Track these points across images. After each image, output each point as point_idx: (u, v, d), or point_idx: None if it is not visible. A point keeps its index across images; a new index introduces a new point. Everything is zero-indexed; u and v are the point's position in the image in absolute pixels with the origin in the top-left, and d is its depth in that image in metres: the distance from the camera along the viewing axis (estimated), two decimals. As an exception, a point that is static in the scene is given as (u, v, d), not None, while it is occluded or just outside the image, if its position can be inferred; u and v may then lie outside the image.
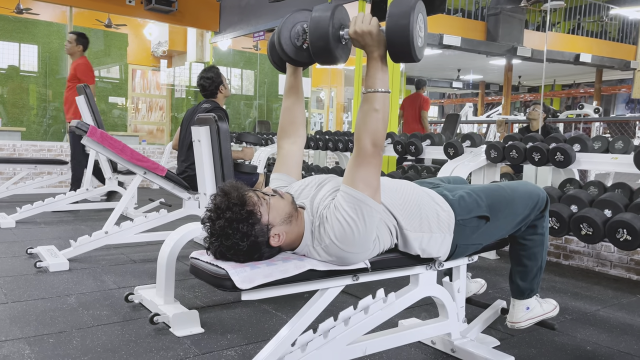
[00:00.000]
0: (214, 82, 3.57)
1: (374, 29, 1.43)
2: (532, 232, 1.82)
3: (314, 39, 1.44)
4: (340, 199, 1.46)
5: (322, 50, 1.45)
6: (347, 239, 1.44)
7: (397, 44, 1.41)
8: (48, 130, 7.98)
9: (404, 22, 1.38)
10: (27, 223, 4.27)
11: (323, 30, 1.42)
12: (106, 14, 8.00)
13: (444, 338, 1.97)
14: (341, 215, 1.44)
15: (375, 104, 1.44)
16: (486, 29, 9.39)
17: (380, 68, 1.46)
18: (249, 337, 2.10)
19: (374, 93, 1.45)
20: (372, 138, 1.44)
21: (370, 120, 1.44)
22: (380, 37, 1.44)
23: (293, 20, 1.59)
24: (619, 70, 11.89)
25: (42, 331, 2.09)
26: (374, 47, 1.45)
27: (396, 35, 1.40)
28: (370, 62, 1.48)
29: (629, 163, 2.86)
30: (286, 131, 1.83)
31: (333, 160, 8.01)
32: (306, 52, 1.59)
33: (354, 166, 1.47)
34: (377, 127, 1.44)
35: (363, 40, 1.45)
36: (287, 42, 1.58)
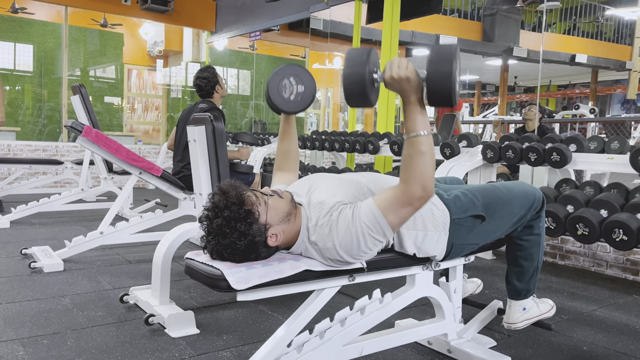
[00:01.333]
0: (210, 82, 3.56)
1: (412, 74, 1.40)
2: (528, 232, 1.82)
3: (349, 85, 1.43)
4: (362, 215, 1.45)
5: (358, 97, 1.44)
6: (350, 249, 1.46)
7: (438, 91, 1.39)
8: (43, 130, 7.94)
9: (446, 70, 1.36)
10: (21, 223, 4.25)
11: (359, 76, 1.41)
12: (102, 13, 7.97)
13: (440, 338, 1.96)
14: (355, 229, 1.44)
15: (422, 147, 1.41)
16: (482, 29, 9.41)
17: (420, 112, 1.43)
18: (244, 338, 2.09)
19: (417, 137, 1.42)
20: (422, 182, 1.41)
21: (418, 164, 1.41)
22: (418, 83, 1.41)
23: (280, 75, 1.72)
24: (614, 70, 11.94)
25: (37, 332, 2.07)
26: (411, 92, 1.42)
27: (438, 83, 1.38)
28: (407, 106, 1.44)
29: (624, 163, 2.87)
30: (282, 167, 1.89)
31: (329, 160, 8.00)
32: (294, 103, 1.75)
33: (396, 200, 1.44)
34: (427, 170, 1.41)
35: (400, 86, 1.41)
36: (275, 96, 1.71)
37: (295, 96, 1.73)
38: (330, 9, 5.70)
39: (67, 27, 7.32)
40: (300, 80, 1.74)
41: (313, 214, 1.51)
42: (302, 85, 1.75)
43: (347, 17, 5.66)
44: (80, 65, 8.39)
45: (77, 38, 8.23)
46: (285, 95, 1.72)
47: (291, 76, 1.72)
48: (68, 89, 7.28)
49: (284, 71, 1.72)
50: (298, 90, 1.74)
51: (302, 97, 1.76)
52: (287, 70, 1.72)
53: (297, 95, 1.73)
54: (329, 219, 1.48)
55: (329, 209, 1.50)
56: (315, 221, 1.49)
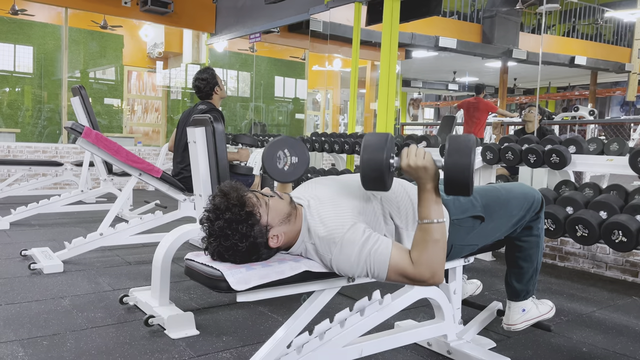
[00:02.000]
0: (209, 83, 3.56)
1: (430, 164, 1.42)
2: (527, 233, 1.82)
3: (367, 171, 1.45)
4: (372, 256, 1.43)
5: (375, 181, 1.46)
6: (343, 269, 1.46)
7: (456, 181, 1.40)
8: (43, 132, 7.94)
9: (465, 162, 1.38)
10: (21, 225, 4.25)
11: (378, 163, 1.43)
12: (102, 15, 7.97)
13: (440, 340, 1.97)
14: (357, 261, 1.43)
15: (435, 235, 1.42)
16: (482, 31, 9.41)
17: (435, 200, 1.44)
18: (244, 339, 2.09)
19: (430, 224, 1.43)
20: (433, 269, 1.42)
21: (431, 251, 1.42)
22: (435, 171, 1.43)
23: (275, 147, 1.81)
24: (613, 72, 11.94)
25: (36, 333, 2.07)
26: (428, 180, 1.43)
27: (456, 174, 1.39)
28: (423, 193, 1.45)
29: (624, 165, 2.87)
30: None
31: (329, 162, 8.01)
32: (289, 173, 1.84)
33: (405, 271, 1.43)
34: (439, 257, 1.42)
35: (416, 173, 1.43)
36: (270, 166, 1.80)
37: (289, 167, 1.83)
38: (330, 11, 5.70)
39: (67, 28, 7.32)
40: (294, 152, 1.84)
41: (316, 218, 1.50)
42: (296, 156, 1.84)
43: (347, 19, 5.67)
44: (80, 67, 8.39)
45: (77, 40, 8.23)
46: (280, 166, 1.82)
47: (285, 148, 1.82)
48: (68, 91, 7.28)
49: (278, 144, 1.82)
50: (292, 162, 1.84)
51: (296, 168, 1.85)
52: (281, 143, 1.82)
53: (290, 166, 1.84)
54: (334, 231, 1.46)
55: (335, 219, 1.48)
56: (319, 227, 1.48)
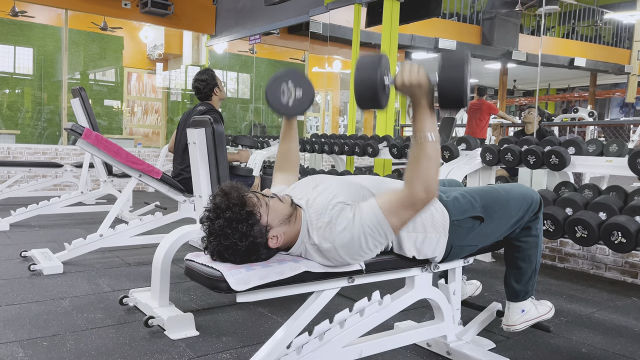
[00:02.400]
0: (209, 84, 3.56)
1: (424, 80, 1.41)
2: (526, 234, 1.83)
3: (361, 89, 1.45)
4: (365, 216, 1.46)
5: (369, 100, 1.46)
6: (351, 250, 1.47)
7: (450, 95, 1.40)
8: (43, 133, 7.95)
9: (458, 75, 1.38)
10: (21, 226, 4.25)
11: (371, 81, 1.43)
12: (102, 16, 7.99)
13: (439, 340, 1.97)
14: (357, 229, 1.45)
15: (429, 151, 1.42)
16: (481, 33, 9.43)
17: (429, 116, 1.44)
18: (244, 340, 2.09)
19: (425, 140, 1.43)
20: (426, 185, 1.42)
21: (424, 167, 1.42)
22: (429, 88, 1.43)
23: (278, 81, 1.75)
24: (613, 74, 11.96)
25: (36, 334, 2.07)
26: (422, 96, 1.43)
27: (450, 88, 1.39)
28: (417, 110, 1.45)
29: (623, 166, 2.87)
30: (282, 168, 1.92)
31: (329, 163, 8.01)
32: (293, 107, 1.79)
33: (399, 202, 1.45)
34: (431, 174, 1.43)
35: (411, 90, 1.43)
36: (273, 99, 1.75)
37: (293, 101, 1.77)
38: (329, 13, 5.72)
39: (67, 30, 7.33)
40: (298, 84, 1.77)
41: (313, 216, 1.51)
42: (301, 89, 1.78)
43: (347, 20, 5.68)
44: (80, 69, 8.40)
45: (77, 41, 8.24)
46: (284, 100, 1.75)
47: (289, 81, 1.75)
48: (68, 92, 7.29)
49: (282, 76, 1.75)
50: (296, 95, 1.77)
51: (300, 101, 1.79)
52: (285, 75, 1.76)
53: (295, 100, 1.77)
54: (329, 219, 1.48)
55: (329, 209, 1.51)
56: (316, 222, 1.50)
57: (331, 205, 1.52)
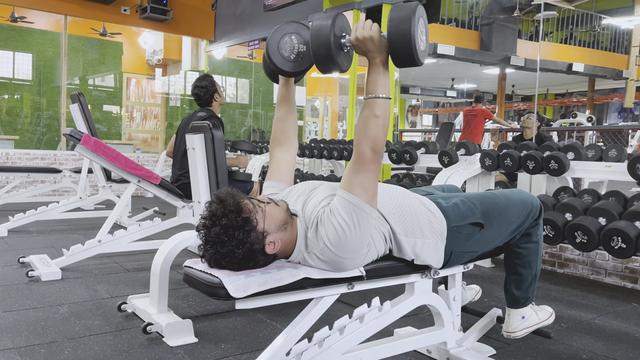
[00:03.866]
0: (209, 90, 3.57)
1: (375, 34, 1.43)
2: (526, 240, 1.82)
3: (315, 47, 1.43)
4: (336, 203, 1.46)
5: (324, 58, 1.45)
6: (341, 243, 1.44)
7: (400, 48, 1.40)
8: (42, 139, 7.94)
9: (405, 26, 1.38)
10: (19, 232, 4.24)
11: (325, 38, 1.42)
12: (101, 22, 8.00)
13: (439, 347, 1.96)
14: (336, 219, 1.43)
15: (376, 110, 1.44)
16: (480, 38, 9.45)
17: (382, 73, 1.46)
18: (243, 347, 2.08)
19: (375, 99, 1.44)
20: (372, 144, 1.43)
21: (370, 126, 1.44)
22: (381, 43, 1.44)
23: (281, 32, 1.62)
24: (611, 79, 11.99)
25: (34, 341, 2.06)
26: (376, 52, 1.45)
27: (398, 40, 1.39)
28: (371, 67, 1.47)
29: (622, 171, 2.87)
30: (278, 140, 1.84)
31: (328, 169, 8.01)
32: (295, 63, 1.63)
33: (352, 172, 1.46)
34: (377, 133, 1.44)
35: (365, 46, 1.45)
36: (275, 53, 1.61)
37: (296, 55, 1.63)
38: (328, 18, 5.73)
39: (66, 36, 7.34)
40: (302, 39, 1.64)
41: (309, 223, 1.51)
42: (305, 44, 1.64)
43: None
44: (79, 74, 8.41)
45: (77, 47, 8.25)
46: (286, 54, 1.62)
47: (293, 34, 1.63)
48: (67, 98, 7.29)
49: (285, 28, 1.63)
50: (300, 50, 1.64)
51: (304, 57, 1.64)
52: (289, 28, 1.63)
53: (298, 55, 1.63)
54: (317, 221, 1.48)
55: (317, 212, 1.51)
56: (311, 228, 1.49)
57: (320, 207, 1.52)
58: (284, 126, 1.84)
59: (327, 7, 5.54)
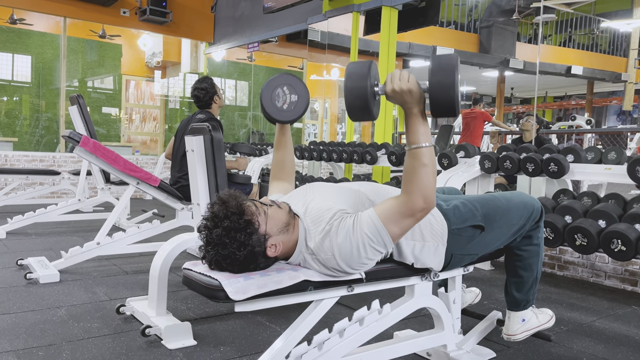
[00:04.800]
0: (208, 92, 3.56)
1: (414, 87, 1.40)
2: (527, 242, 1.82)
3: (351, 99, 1.42)
4: (364, 225, 1.44)
5: (360, 110, 1.43)
6: (350, 259, 1.46)
7: (442, 103, 1.38)
8: (40, 141, 7.93)
9: (449, 81, 1.36)
10: (17, 234, 4.22)
11: (361, 90, 1.40)
12: (100, 24, 8.00)
13: (439, 350, 1.95)
14: (355, 239, 1.43)
15: (424, 159, 1.41)
16: (479, 41, 9.48)
17: (422, 123, 1.42)
18: (242, 350, 2.07)
19: (419, 149, 1.41)
20: (424, 194, 1.41)
21: (420, 176, 1.41)
22: (420, 95, 1.41)
23: (273, 84, 1.72)
24: (610, 82, 12.02)
25: (32, 344, 2.05)
26: (414, 104, 1.41)
27: (441, 95, 1.37)
28: (410, 118, 1.43)
29: (622, 174, 2.87)
30: (277, 177, 1.90)
31: (327, 171, 8.01)
32: (288, 112, 1.75)
33: (398, 210, 1.44)
34: (429, 182, 1.41)
35: (402, 98, 1.41)
36: (269, 105, 1.71)
37: (288, 105, 1.73)
38: (328, 21, 5.73)
39: (65, 38, 7.34)
40: (293, 89, 1.74)
41: (310, 224, 1.50)
42: (296, 94, 1.74)
43: (345, 28, 5.70)
44: (78, 76, 8.40)
45: (76, 49, 8.25)
46: (279, 105, 1.72)
47: (285, 85, 1.72)
48: (66, 100, 7.28)
49: (277, 80, 1.72)
50: (291, 100, 1.74)
51: (296, 107, 1.75)
52: (280, 80, 1.73)
53: (290, 105, 1.74)
54: (329, 228, 1.47)
55: (329, 218, 1.49)
56: (314, 231, 1.49)
57: (330, 213, 1.50)
58: (283, 166, 1.90)
59: (326, 9, 5.55)
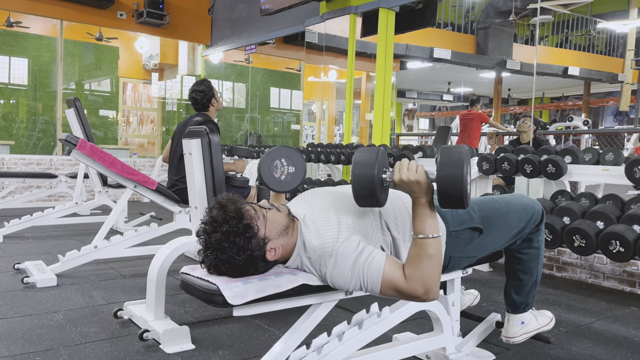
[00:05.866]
0: (206, 95, 3.55)
1: (422, 178, 1.39)
2: (527, 245, 1.81)
3: (358, 188, 1.42)
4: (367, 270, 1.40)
5: (367, 198, 1.43)
6: (337, 282, 1.45)
7: (450, 195, 1.37)
8: (37, 144, 7.90)
9: (458, 174, 1.35)
10: (14, 238, 4.20)
11: (369, 179, 1.40)
12: (97, 27, 7.99)
13: (438, 352, 1.94)
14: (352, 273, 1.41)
15: (429, 250, 1.40)
16: (476, 42, 9.49)
17: (429, 214, 1.42)
18: (240, 354, 2.06)
19: (425, 239, 1.40)
20: (426, 285, 1.39)
21: (425, 267, 1.39)
22: (428, 185, 1.40)
23: (272, 156, 1.79)
24: (606, 83, 12.05)
25: (29, 349, 2.04)
26: (422, 194, 1.41)
27: (449, 187, 1.36)
28: (417, 207, 1.43)
29: (620, 175, 2.88)
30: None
31: (325, 173, 8.00)
32: (285, 182, 1.82)
33: (399, 287, 1.41)
34: (433, 273, 1.40)
35: (410, 188, 1.41)
36: (267, 175, 1.78)
37: (286, 176, 1.82)
38: (325, 22, 5.73)
39: (62, 40, 7.32)
40: (291, 161, 1.82)
41: (312, 229, 1.49)
42: (293, 166, 1.83)
43: (342, 30, 5.69)
44: (75, 79, 8.38)
45: (72, 52, 8.23)
46: (277, 176, 1.80)
47: (283, 158, 1.81)
48: (63, 103, 7.26)
49: (276, 153, 1.81)
50: (289, 171, 1.82)
51: (293, 178, 1.84)
52: (279, 152, 1.81)
53: (287, 176, 1.82)
54: (333, 245, 1.44)
55: (333, 230, 1.47)
56: (315, 236, 1.47)
57: (333, 224, 1.48)
58: None
59: (323, 11, 5.55)
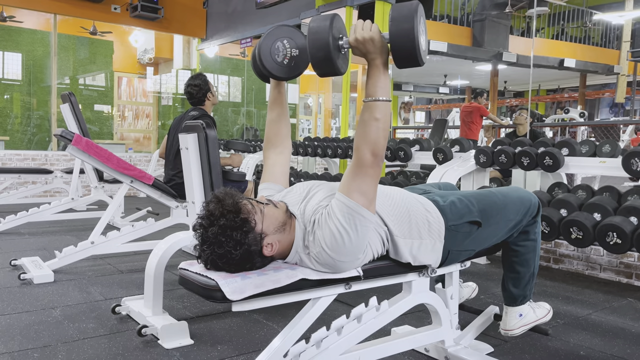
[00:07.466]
0: (202, 89, 3.54)
1: (376, 35, 1.39)
2: (524, 238, 1.81)
3: (313, 50, 1.39)
4: (334, 207, 1.44)
5: (323, 61, 1.41)
6: (338, 247, 1.42)
7: (402, 48, 1.36)
8: (32, 139, 7.86)
9: (408, 26, 1.34)
10: (10, 234, 4.19)
11: (323, 41, 1.38)
12: (91, 21, 7.93)
13: (437, 345, 1.95)
14: (334, 223, 1.41)
15: (376, 113, 1.40)
16: (472, 34, 9.46)
17: (382, 75, 1.42)
18: (239, 348, 2.06)
19: (375, 102, 1.41)
20: (372, 148, 1.40)
21: (370, 130, 1.40)
22: (382, 44, 1.40)
23: (273, 37, 1.60)
24: (602, 74, 12.05)
25: (27, 346, 2.03)
26: (376, 54, 1.41)
27: (401, 40, 1.35)
28: (371, 69, 1.43)
29: (617, 166, 2.88)
30: (272, 142, 1.83)
31: (322, 167, 7.99)
32: (287, 67, 1.62)
33: (351, 175, 1.43)
34: (378, 137, 1.40)
35: (365, 47, 1.40)
36: (267, 58, 1.59)
37: (289, 60, 1.62)
38: (321, 16, 5.71)
39: (56, 35, 7.26)
40: (295, 43, 1.63)
41: (308, 224, 1.49)
42: (297, 49, 1.63)
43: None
44: (69, 74, 8.33)
45: (67, 46, 8.17)
46: (279, 59, 1.61)
47: (285, 39, 1.61)
48: (57, 98, 7.22)
49: (277, 33, 1.60)
50: (292, 54, 1.63)
51: (296, 62, 1.64)
52: (281, 32, 1.61)
53: (291, 60, 1.62)
54: (315, 224, 1.46)
55: (316, 214, 1.48)
56: (310, 230, 1.47)
57: (318, 209, 1.50)
58: (277, 128, 1.82)
59: (319, 4, 5.52)
